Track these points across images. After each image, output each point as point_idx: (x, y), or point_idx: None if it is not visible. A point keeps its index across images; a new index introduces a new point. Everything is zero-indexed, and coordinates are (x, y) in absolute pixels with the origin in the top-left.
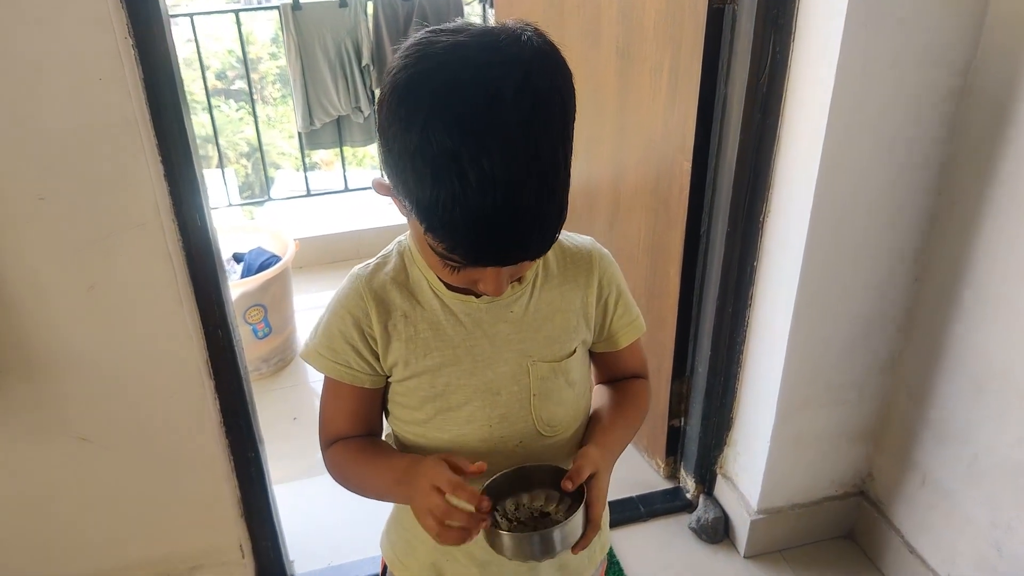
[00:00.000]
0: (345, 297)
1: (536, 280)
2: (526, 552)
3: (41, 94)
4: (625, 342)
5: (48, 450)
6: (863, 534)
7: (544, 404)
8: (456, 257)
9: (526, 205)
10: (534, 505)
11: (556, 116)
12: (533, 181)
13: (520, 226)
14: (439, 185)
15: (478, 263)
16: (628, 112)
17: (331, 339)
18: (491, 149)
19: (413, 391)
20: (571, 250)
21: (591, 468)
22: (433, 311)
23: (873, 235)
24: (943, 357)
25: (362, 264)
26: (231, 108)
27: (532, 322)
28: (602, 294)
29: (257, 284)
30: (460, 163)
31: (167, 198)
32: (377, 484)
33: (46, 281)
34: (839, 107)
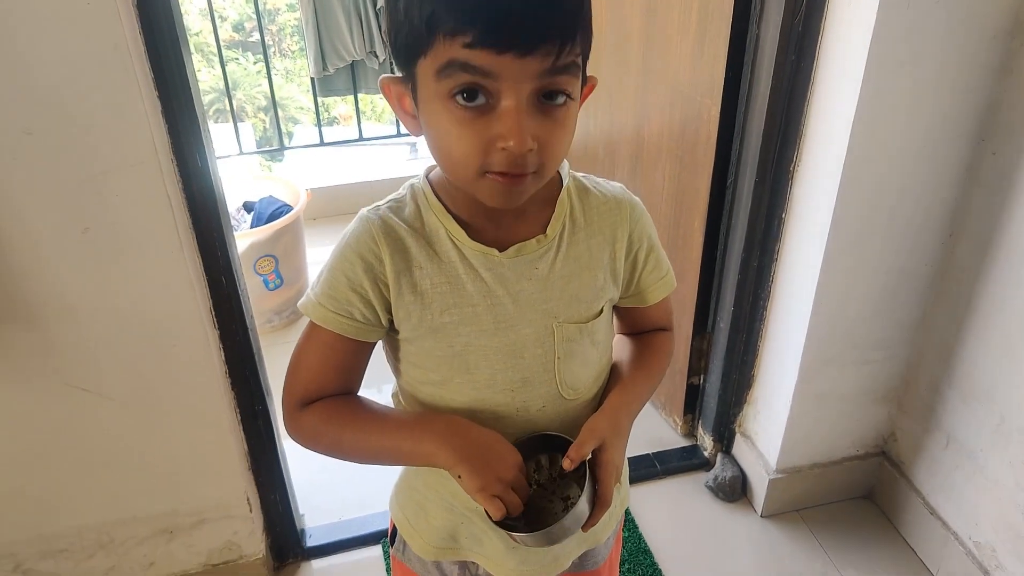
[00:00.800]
0: (355, 239)
1: (563, 234)
2: (528, 546)
3: (23, 20)
4: (654, 299)
5: (46, 400)
6: (883, 495)
7: (568, 367)
8: (465, 36)
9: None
10: (554, 467)
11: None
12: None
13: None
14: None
15: (492, 37)
16: (654, 54)
17: (334, 286)
18: None
19: (428, 351)
20: (599, 198)
21: (594, 442)
22: (451, 264)
23: (908, 187)
24: (973, 316)
25: (371, 206)
26: (249, 61)
27: (558, 281)
28: (632, 247)
29: (268, 234)
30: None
31: (165, 136)
32: (397, 441)
33: (37, 223)
34: (878, 49)
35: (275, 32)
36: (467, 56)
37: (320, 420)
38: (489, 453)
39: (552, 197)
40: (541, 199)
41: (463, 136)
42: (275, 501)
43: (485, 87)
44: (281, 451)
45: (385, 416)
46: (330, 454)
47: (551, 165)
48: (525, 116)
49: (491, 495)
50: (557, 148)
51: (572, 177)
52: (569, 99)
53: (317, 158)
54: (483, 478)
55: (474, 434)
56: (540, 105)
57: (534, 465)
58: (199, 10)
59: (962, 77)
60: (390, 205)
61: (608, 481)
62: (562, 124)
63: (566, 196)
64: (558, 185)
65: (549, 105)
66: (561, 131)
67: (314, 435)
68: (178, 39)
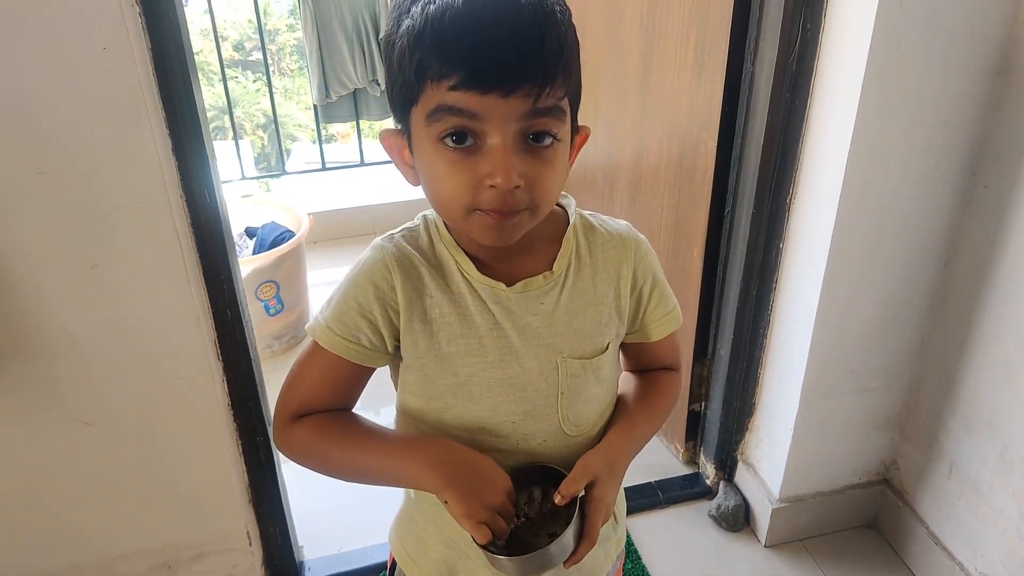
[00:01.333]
0: (369, 267)
1: (568, 271)
2: (509, 572)
3: (43, 62)
4: (657, 335)
5: (49, 434)
6: (887, 524)
7: (572, 403)
8: (450, 79)
9: (515, 8)
10: (545, 503)
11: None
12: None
13: (512, 27)
14: (423, 10)
15: (475, 79)
16: (651, 89)
17: (344, 311)
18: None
19: (433, 379)
20: (605, 236)
21: (587, 479)
22: (461, 295)
23: (903, 218)
24: (973, 343)
25: (386, 235)
26: (248, 79)
27: (563, 316)
28: (636, 283)
29: (270, 260)
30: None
31: (174, 172)
32: (386, 461)
33: (46, 259)
34: (871, 86)
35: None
36: (453, 99)
37: (310, 435)
38: (477, 478)
39: (559, 235)
40: (548, 236)
41: (452, 175)
42: (275, 534)
43: (472, 129)
44: (282, 483)
45: (376, 435)
46: (318, 470)
47: (542, 203)
48: (511, 154)
49: (477, 522)
50: (546, 186)
51: (579, 215)
52: (556, 140)
53: (317, 180)
54: (469, 504)
55: (464, 458)
56: (527, 145)
57: (526, 496)
58: (200, 30)
59: (952, 113)
60: (404, 234)
61: (596, 519)
62: (549, 163)
63: (572, 234)
64: (565, 223)
65: (536, 146)
66: (549, 170)
67: (303, 449)
68: (190, 80)
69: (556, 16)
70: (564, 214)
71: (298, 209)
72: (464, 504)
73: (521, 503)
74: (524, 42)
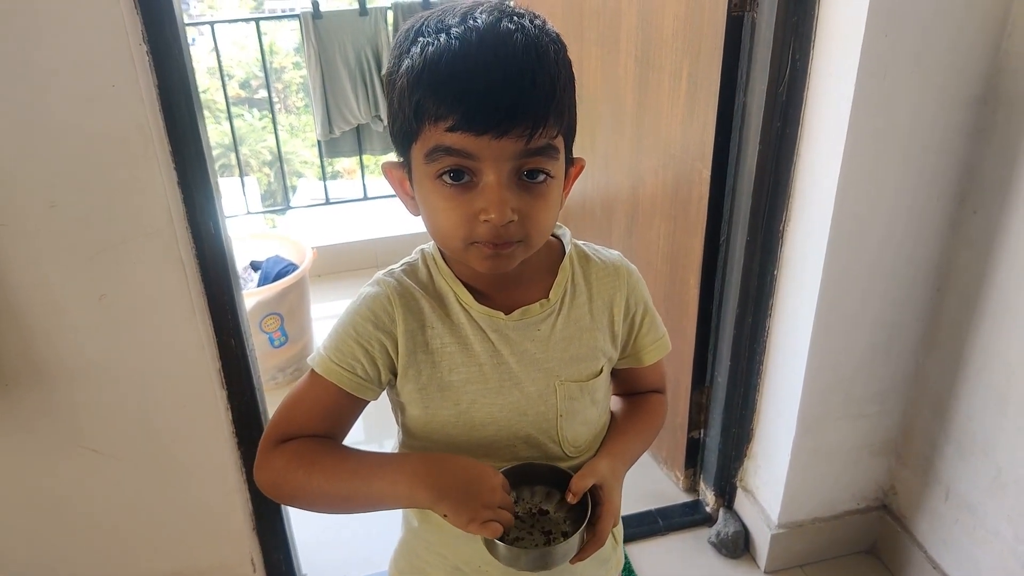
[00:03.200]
0: (371, 299)
1: (564, 299)
2: (522, 565)
3: (54, 99)
4: (650, 360)
5: (57, 461)
6: (885, 549)
7: (570, 425)
8: (446, 121)
9: (509, 52)
10: (534, 501)
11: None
12: (518, 37)
13: (505, 71)
14: (421, 52)
15: (470, 122)
16: (646, 120)
17: (342, 339)
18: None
19: (435, 411)
20: (599, 265)
21: (594, 479)
22: (460, 325)
23: (894, 244)
24: (966, 368)
25: (386, 270)
26: (254, 117)
27: (560, 342)
28: (629, 311)
29: (274, 293)
30: (442, 33)
31: (180, 206)
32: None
33: (57, 290)
34: (859, 115)
35: (280, 89)
36: (450, 140)
37: (291, 457)
38: (470, 483)
39: (555, 264)
40: (545, 267)
41: (450, 210)
42: (278, 560)
43: (468, 167)
44: (285, 510)
45: (359, 457)
46: (296, 495)
47: (536, 236)
48: (505, 191)
49: (482, 522)
50: (540, 221)
51: (574, 245)
52: (548, 176)
53: (322, 215)
54: (469, 510)
55: (450, 466)
56: (521, 182)
57: (514, 497)
58: (207, 68)
59: (940, 141)
60: (404, 269)
61: (606, 519)
62: (543, 199)
63: (568, 263)
64: (560, 253)
65: (530, 182)
66: (542, 205)
67: (284, 470)
68: (195, 114)
69: (550, 56)
70: (559, 244)
71: (302, 243)
72: (464, 511)
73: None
74: (517, 86)
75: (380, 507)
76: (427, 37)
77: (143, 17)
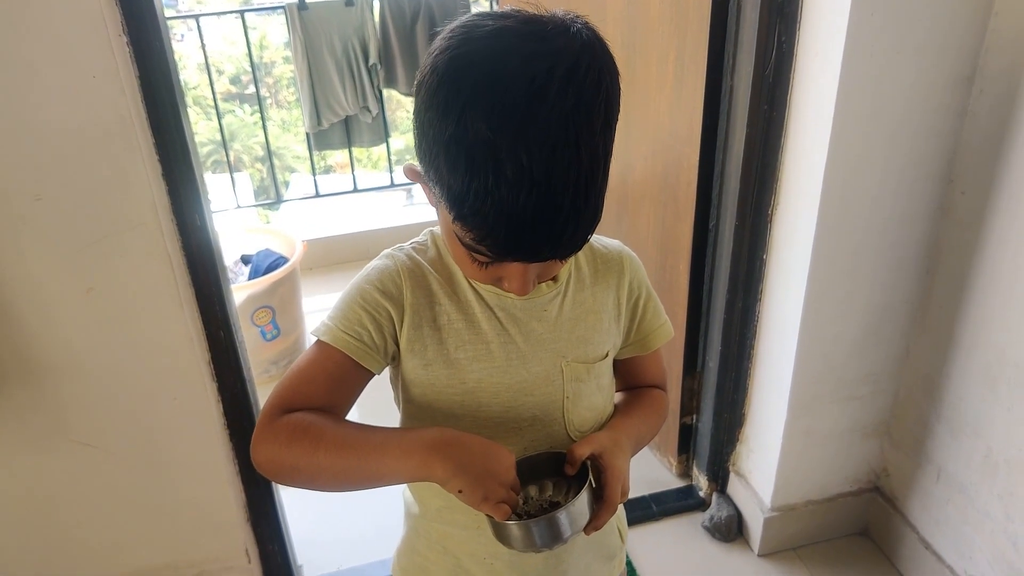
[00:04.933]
0: (379, 270)
1: (570, 280)
2: (534, 540)
3: (35, 92)
4: (655, 344)
5: (49, 456)
6: (878, 530)
7: (576, 408)
8: (484, 249)
9: (560, 203)
10: (543, 496)
11: (600, 113)
12: (571, 179)
13: (553, 224)
14: (473, 175)
15: (506, 257)
16: (634, 105)
17: (349, 306)
18: (530, 143)
19: (442, 387)
20: (601, 252)
21: (592, 447)
22: (468, 303)
23: (883, 226)
24: (956, 349)
25: (395, 247)
26: (246, 112)
27: (566, 322)
28: (631, 295)
29: (265, 286)
30: (497, 155)
31: (165, 198)
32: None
33: (43, 283)
34: (846, 97)
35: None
36: (482, 256)
37: (294, 428)
38: (487, 459)
39: None
40: None
41: (472, 269)
42: (274, 552)
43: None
44: (279, 501)
45: (367, 429)
46: (296, 472)
47: (563, 276)
48: (531, 273)
49: (496, 502)
50: (556, 273)
51: None
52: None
53: (313, 208)
54: (485, 486)
55: (467, 441)
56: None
57: (522, 498)
58: (197, 64)
59: (927, 122)
60: (414, 246)
61: (614, 485)
62: (560, 263)
63: None
64: None
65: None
66: (559, 266)
67: (286, 444)
68: (177, 105)
69: (597, 182)
70: None
71: (292, 235)
72: (479, 488)
73: (519, 504)
74: (559, 242)
75: (387, 482)
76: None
77: (122, 8)
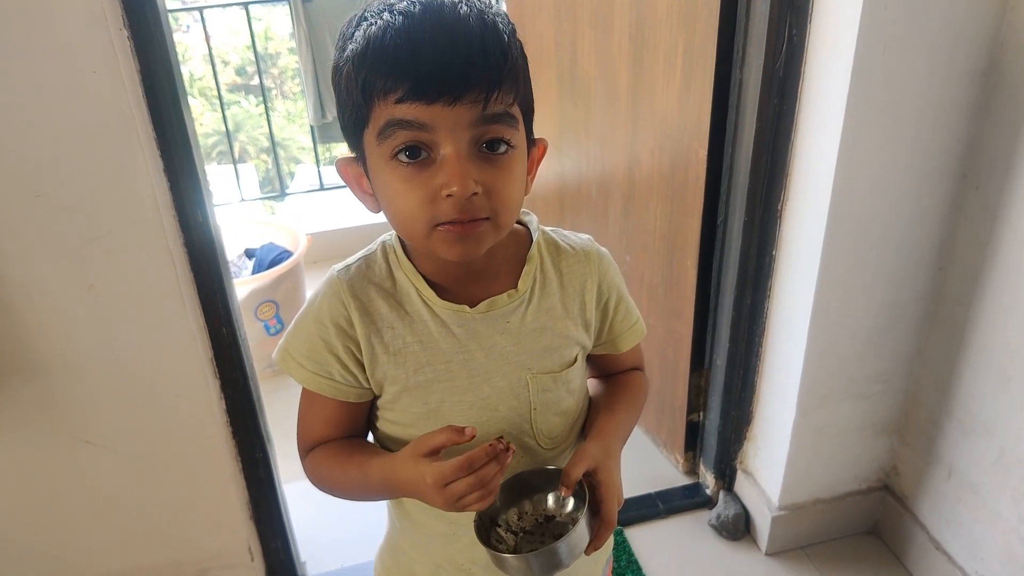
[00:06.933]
0: (327, 303)
1: (534, 288)
2: (534, 571)
3: (34, 87)
4: (626, 346)
5: (51, 453)
6: (887, 530)
7: (545, 417)
8: (395, 92)
9: (456, 19)
10: (537, 510)
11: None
12: (463, 8)
13: (453, 36)
14: (364, 33)
15: (420, 89)
16: (641, 99)
17: (311, 348)
18: (416, 1)
19: (405, 409)
20: (568, 251)
21: (586, 465)
22: (423, 322)
23: (895, 222)
24: (968, 347)
25: (342, 265)
26: (251, 103)
27: (530, 333)
28: (602, 297)
29: (268, 280)
30: (384, 12)
31: (167, 194)
32: (361, 481)
33: (45, 280)
34: (858, 91)
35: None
36: (402, 112)
37: (317, 463)
38: (417, 486)
39: (522, 254)
40: (511, 256)
41: (409, 191)
42: (276, 549)
43: (424, 141)
44: (282, 498)
45: (371, 452)
46: (335, 495)
47: (503, 212)
48: (466, 161)
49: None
50: (506, 193)
51: (541, 232)
52: (510, 147)
53: (318, 201)
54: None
55: (402, 475)
56: (481, 154)
57: (517, 513)
58: (202, 55)
59: (941, 116)
60: (359, 265)
61: (611, 502)
62: (507, 170)
63: (536, 251)
64: (528, 242)
65: (491, 153)
66: (507, 176)
67: (317, 478)
68: (179, 100)
69: (498, 27)
70: (527, 232)
71: (296, 229)
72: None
73: (513, 519)
74: (466, 49)
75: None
76: (369, 20)
77: (123, 2)
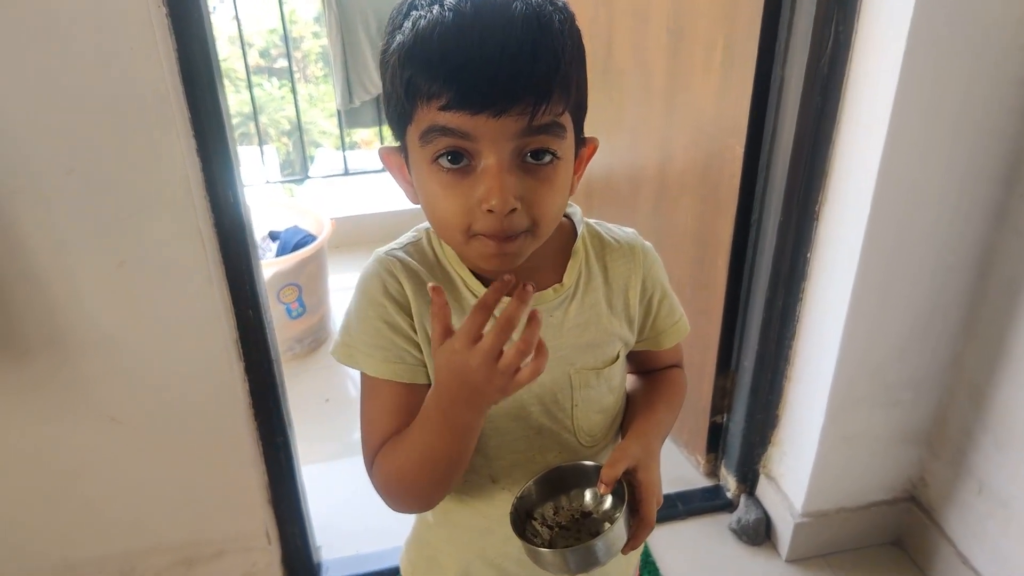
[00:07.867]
0: (379, 282)
1: (578, 283)
2: (570, 567)
3: (70, 63)
4: (668, 343)
5: (76, 430)
6: (912, 541)
7: (585, 414)
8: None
9: (508, 22)
10: (574, 506)
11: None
12: (517, 5)
13: (503, 43)
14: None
15: (465, 99)
16: (677, 93)
17: (375, 333)
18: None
19: None
20: (612, 245)
21: (627, 463)
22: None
23: (936, 228)
24: (1006, 358)
25: (386, 247)
26: (273, 86)
27: (574, 329)
28: (646, 293)
29: (292, 263)
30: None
31: (199, 175)
32: (422, 437)
33: (75, 256)
34: (905, 90)
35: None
36: (445, 120)
37: (384, 460)
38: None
39: (567, 247)
40: (556, 249)
41: (448, 198)
42: (293, 534)
43: (466, 149)
44: (300, 483)
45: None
46: (414, 500)
47: (543, 225)
48: (507, 175)
49: (509, 369)
50: (547, 207)
51: (586, 225)
52: (556, 159)
53: (341, 186)
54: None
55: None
56: (525, 164)
57: (553, 507)
58: (228, 37)
59: (988, 121)
60: (406, 248)
61: (649, 501)
62: (549, 183)
63: (581, 245)
64: (572, 235)
65: (534, 164)
66: (548, 190)
67: (386, 479)
68: (215, 81)
69: (553, 26)
70: (571, 225)
71: (321, 214)
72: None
73: (549, 513)
74: (516, 59)
75: (451, 451)
76: (420, 10)
77: None
